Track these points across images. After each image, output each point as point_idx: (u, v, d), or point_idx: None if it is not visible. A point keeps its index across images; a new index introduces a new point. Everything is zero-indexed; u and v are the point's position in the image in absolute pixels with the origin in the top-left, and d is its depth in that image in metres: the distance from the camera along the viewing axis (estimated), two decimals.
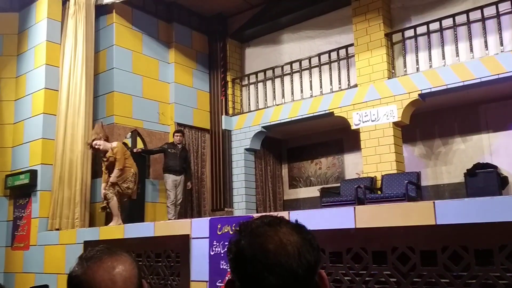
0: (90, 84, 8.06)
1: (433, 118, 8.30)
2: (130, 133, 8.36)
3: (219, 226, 4.59)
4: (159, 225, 5.51)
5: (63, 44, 8.09)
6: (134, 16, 8.72)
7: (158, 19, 9.18)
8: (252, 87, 9.87)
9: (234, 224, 4.42)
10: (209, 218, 4.77)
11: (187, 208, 8.80)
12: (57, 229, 7.36)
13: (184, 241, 4.90)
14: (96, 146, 7.01)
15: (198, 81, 9.63)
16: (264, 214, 1.19)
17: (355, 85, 8.15)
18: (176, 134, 8.29)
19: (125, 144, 8.05)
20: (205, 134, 9.57)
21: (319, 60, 8.85)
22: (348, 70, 8.48)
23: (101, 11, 8.47)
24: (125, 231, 5.83)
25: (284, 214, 4.10)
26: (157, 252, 5.27)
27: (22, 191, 7.84)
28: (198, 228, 4.86)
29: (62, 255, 6.67)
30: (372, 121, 7.74)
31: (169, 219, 7.70)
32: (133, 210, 7.68)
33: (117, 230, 6.05)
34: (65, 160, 7.62)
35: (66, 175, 7.58)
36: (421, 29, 7.70)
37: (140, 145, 8.46)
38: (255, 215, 4.40)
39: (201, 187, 9.25)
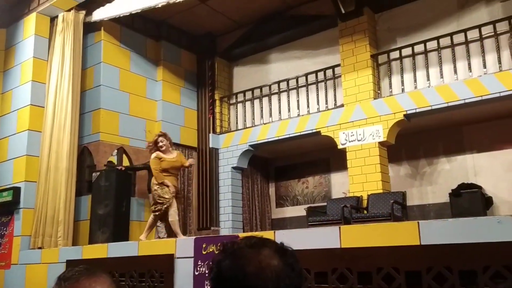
0: (76, 101, 8.01)
1: (418, 138, 8.39)
2: (116, 151, 8.30)
3: (204, 246, 4.54)
4: (143, 244, 5.44)
5: (50, 61, 8.07)
6: (122, 34, 8.75)
7: (147, 37, 9.22)
8: (240, 105, 9.91)
9: (219, 244, 4.39)
10: (194, 237, 4.73)
11: None
12: (40, 248, 7.22)
13: (168, 260, 4.84)
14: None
15: (186, 99, 9.64)
16: (249, 235, 1.18)
17: (342, 105, 8.23)
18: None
19: (110, 162, 7.99)
20: (192, 152, 9.54)
21: (306, 80, 8.93)
22: (334, 90, 8.57)
23: (89, 28, 8.48)
24: (108, 250, 5.75)
25: (269, 234, 4.08)
26: (141, 271, 5.19)
27: (5, 208, 7.69)
28: (182, 247, 4.81)
29: (44, 274, 6.53)
30: (358, 140, 7.80)
31: (160, 238, 7.60)
32: (118, 229, 7.57)
33: (100, 249, 5.95)
34: (49, 178, 7.52)
35: (50, 192, 7.47)
36: (406, 51, 7.84)
37: (126, 162, 8.40)
38: (241, 234, 4.37)
39: (187, 205, 9.18)
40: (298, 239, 3.95)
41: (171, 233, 7.08)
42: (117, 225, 7.45)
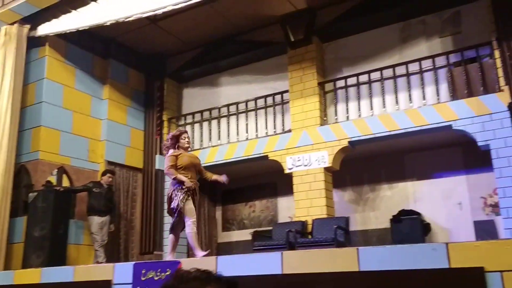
0: (15, 118, 7.67)
1: (362, 165, 8.62)
2: (56, 170, 7.96)
3: (143, 272, 4.39)
4: (79, 269, 5.19)
5: None
6: (68, 50, 8.51)
7: (94, 54, 9.01)
8: (188, 127, 9.81)
9: (159, 270, 4.26)
10: (134, 262, 4.57)
11: (114, 251, 8.40)
12: None
13: (105, 287, 4.63)
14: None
15: (132, 119, 9.44)
16: (193, 269, 1.11)
17: (289, 130, 8.34)
18: (108, 175, 7.97)
19: (49, 182, 7.64)
20: (137, 174, 9.31)
21: (256, 104, 9.01)
22: (283, 115, 8.69)
23: (33, 43, 8.19)
24: (42, 275, 5.43)
25: (211, 260, 4.01)
26: None
27: None
28: (121, 273, 4.63)
29: None
30: (305, 165, 7.91)
31: (99, 262, 7.30)
32: (54, 253, 7.21)
33: (33, 274, 5.62)
34: None
35: None
36: (352, 80, 8.09)
37: (66, 183, 8.06)
38: (183, 260, 4.27)
39: (129, 229, 8.90)
40: (240, 265, 3.90)
41: (117, 256, 6.69)
42: (54, 248, 7.10)
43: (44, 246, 6.92)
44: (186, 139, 5.69)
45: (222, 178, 5.82)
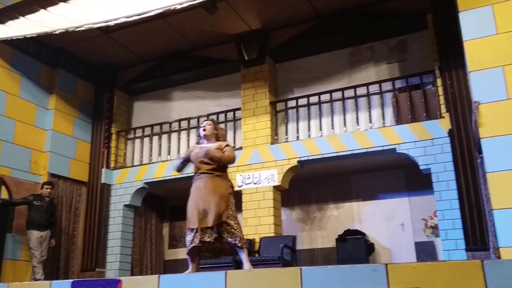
0: None
1: (310, 184, 8.76)
2: None
3: None
4: (14, 286, 4.91)
5: None
6: (13, 57, 8.18)
7: (41, 62, 8.71)
8: (137, 141, 9.65)
9: None
10: (72, 280, 4.38)
11: (53, 267, 8.04)
12: None
13: None
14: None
15: (79, 130, 9.16)
16: None
17: (240, 148, 8.36)
18: (46, 186, 7.69)
19: None
20: (82, 187, 9.00)
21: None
22: (234, 132, 8.71)
23: None
24: None
25: (154, 278, 3.92)
26: None
27: None
28: None
29: None
30: (254, 183, 7.93)
31: (36, 280, 6.95)
32: None
33: None
34: None
35: None
36: (302, 101, 8.25)
37: (5, 195, 7.67)
38: (123, 278, 4.14)
39: (71, 244, 8.56)
40: (183, 284, 3.83)
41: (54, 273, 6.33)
42: None
43: None
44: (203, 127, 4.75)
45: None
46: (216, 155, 4.48)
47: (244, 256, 4.51)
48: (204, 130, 4.71)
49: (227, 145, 4.64)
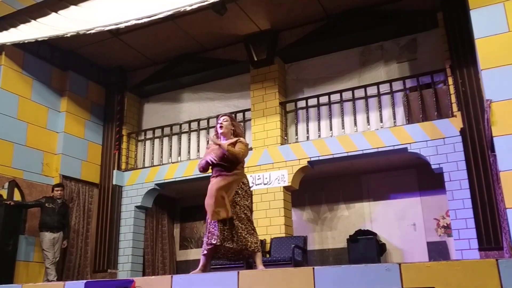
0: None
1: (320, 185, 8.73)
2: (7, 183, 7.63)
3: None
4: (28, 287, 4.95)
5: None
6: (25, 60, 8.27)
7: (52, 65, 8.80)
8: (148, 143, 9.69)
9: None
10: (85, 281, 4.41)
11: (66, 269, 8.10)
12: None
13: None
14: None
15: (90, 132, 9.23)
16: None
17: (250, 148, 8.35)
18: (56, 188, 7.76)
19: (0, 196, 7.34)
20: (94, 189, 9.07)
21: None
22: (244, 133, 8.68)
23: None
24: None
25: (167, 278, 3.93)
26: None
27: None
28: None
29: None
30: (265, 184, 7.93)
31: (49, 281, 7.01)
32: (1, 270, 6.88)
33: None
34: None
35: None
36: (312, 101, 8.24)
37: (18, 197, 7.75)
38: (137, 278, 4.16)
39: (85, 245, 8.62)
40: (195, 284, 3.84)
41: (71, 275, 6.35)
42: (1, 265, 6.78)
43: None
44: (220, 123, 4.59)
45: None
46: (218, 154, 4.35)
47: (257, 260, 4.48)
48: (221, 127, 4.52)
49: (238, 141, 4.47)
